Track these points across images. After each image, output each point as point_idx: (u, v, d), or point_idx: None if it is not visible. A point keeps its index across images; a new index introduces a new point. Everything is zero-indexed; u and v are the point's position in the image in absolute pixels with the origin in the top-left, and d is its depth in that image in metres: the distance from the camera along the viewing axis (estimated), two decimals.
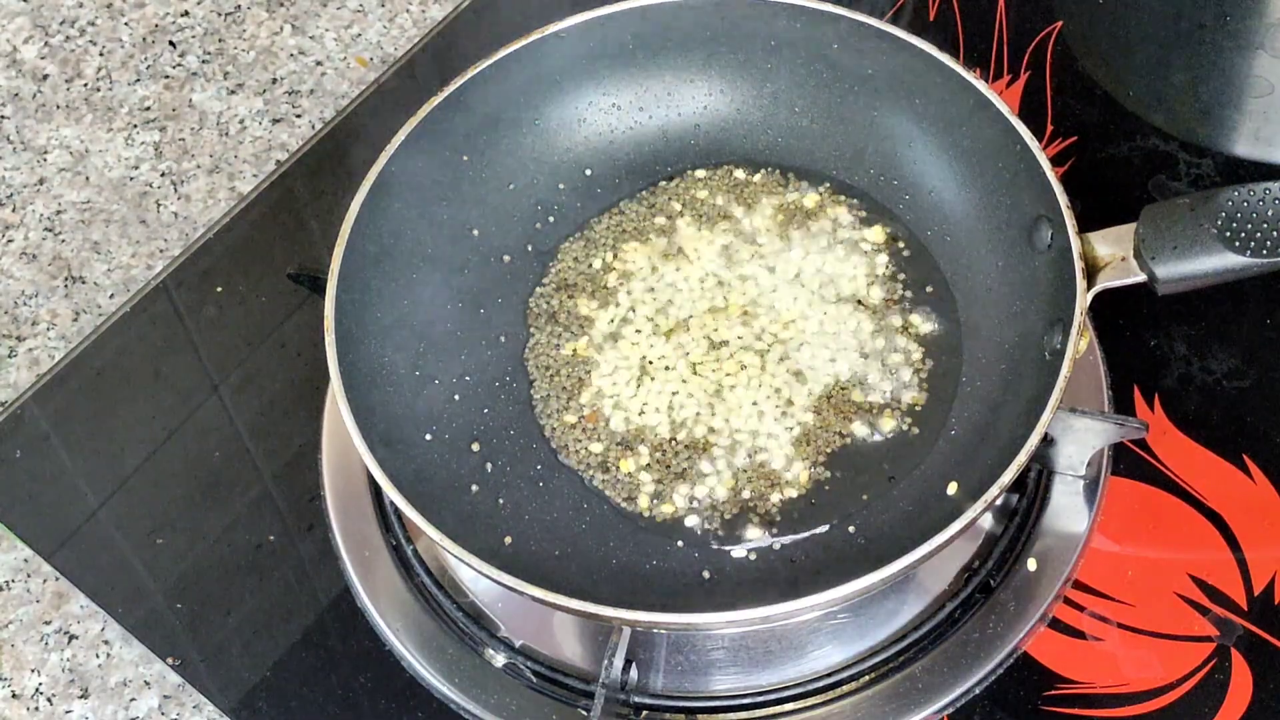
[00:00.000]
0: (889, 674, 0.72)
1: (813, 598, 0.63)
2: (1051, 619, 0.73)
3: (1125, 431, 0.72)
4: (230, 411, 0.85)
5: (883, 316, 0.78)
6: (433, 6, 1.02)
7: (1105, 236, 0.71)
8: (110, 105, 0.98)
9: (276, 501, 0.81)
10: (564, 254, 0.82)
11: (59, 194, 0.94)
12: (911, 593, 0.73)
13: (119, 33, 1.02)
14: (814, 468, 0.73)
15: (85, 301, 0.90)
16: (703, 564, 0.71)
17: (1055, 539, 0.75)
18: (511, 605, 0.74)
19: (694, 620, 0.64)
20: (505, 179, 0.82)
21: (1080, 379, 0.78)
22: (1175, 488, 0.76)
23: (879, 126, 0.82)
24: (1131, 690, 0.71)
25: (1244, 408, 0.79)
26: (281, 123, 0.97)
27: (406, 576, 0.76)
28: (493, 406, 0.77)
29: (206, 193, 0.94)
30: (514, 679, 0.73)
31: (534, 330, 0.79)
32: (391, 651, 0.75)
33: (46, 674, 0.76)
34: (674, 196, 0.83)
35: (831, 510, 0.72)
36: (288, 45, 1.01)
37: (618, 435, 0.75)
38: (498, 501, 0.73)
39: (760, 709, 0.72)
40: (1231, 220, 0.69)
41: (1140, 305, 0.80)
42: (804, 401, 0.75)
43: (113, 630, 0.77)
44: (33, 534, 0.80)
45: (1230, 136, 0.90)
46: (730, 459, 0.74)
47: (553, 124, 0.83)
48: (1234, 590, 0.73)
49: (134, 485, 0.82)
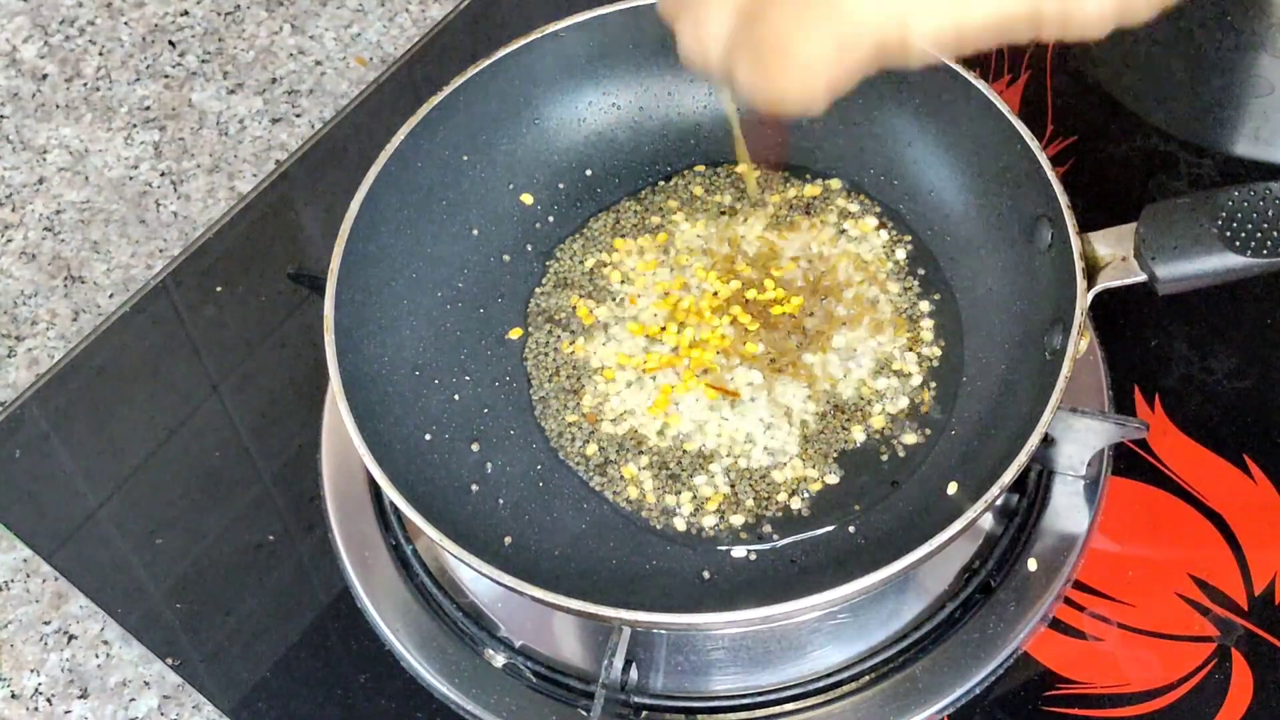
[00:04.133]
0: (889, 674, 0.72)
1: (813, 598, 0.63)
2: (1052, 619, 0.73)
3: (1125, 431, 0.72)
4: (230, 411, 0.85)
5: (883, 317, 0.77)
6: (433, 6, 1.02)
7: (1105, 236, 0.71)
8: (110, 105, 0.98)
9: (276, 501, 0.81)
10: (563, 254, 0.82)
11: (58, 194, 0.94)
12: (911, 593, 0.73)
13: (118, 32, 1.02)
14: (814, 468, 0.73)
15: (85, 301, 0.90)
16: (703, 564, 0.71)
17: (1055, 539, 0.75)
18: (511, 605, 0.74)
19: (694, 620, 0.64)
20: (505, 179, 0.82)
21: (1080, 379, 0.78)
22: (1176, 488, 0.76)
23: (879, 126, 0.82)
24: (1132, 690, 0.71)
25: (1244, 408, 0.79)
26: (281, 122, 0.97)
27: (406, 576, 0.76)
28: (493, 406, 0.77)
29: (206, 192, 0.94)
30: (514, 679, 0.73)
31: (533, 330, 0.79)
32: (391, 651, 0.75)
33: (46, 674, 0.76)
34: (673, 196, 0.83)
35: (832, 511, 0.72)
36: (287, 45, 1.01)
37: (618, 435, 0.75)
38: (498, 501, 0.73)
39: (760, 709, 0.72)
40: (1232, 220, 0.69)
41: (1140, 305, 0.80)
42: (804, 402, 0.75)
43: (112, 630, 0.77)
44: (32, 534, 0.80)
45: (1230, 136, 0.90)
46: (730, 459, 0.74)
47: (553, 124, 0.83)
48: (1234, 590, 0.73)
49: (134, 485, 0.82)
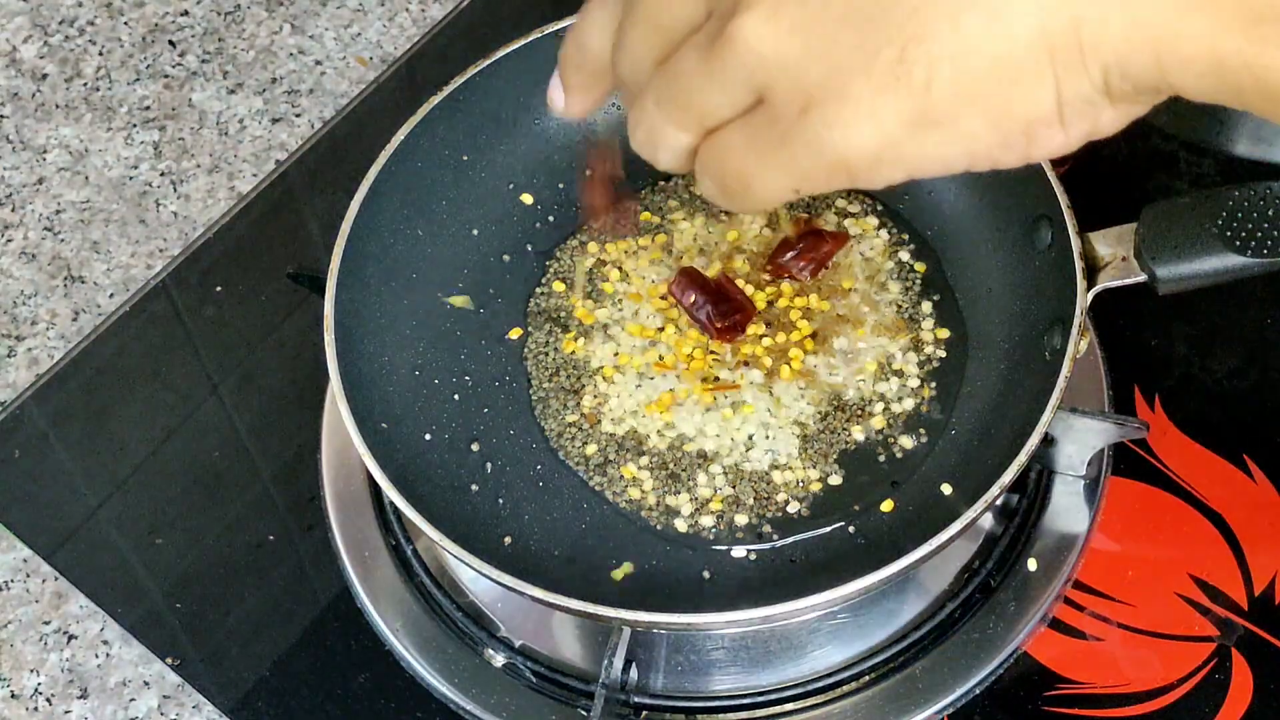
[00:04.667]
0: (889, 674, 0.72)
1: (813, 598, 0.63)
2: (1051, 619, 0.73)
3: (1125, 431, 0.72)
4: (230, 411, 0.85)
5: (883, 317, 0.77)
6: (433, 6, 1.02)
7: (1105, 236, 0.71)
8: (110, 105, 0.98)
9: (276, 501, 0.81)
10: (563, 254, 0.82)
11: (58, 193, 0.94)
12: (911, 593, 0.73)
13: (118, 32, 1.02)
14: (814, 469, 0.73)
15: (85, 301, 0.90)
16: (703, 564, 0.71)
17: (1055, 539, 0.75)
18: (511, 605, 0.74)
19: (694, 620, 0.64)
20: (505, 179, 0.82)
21: (1080, 379, 0.78)
22: (1175, 488, 0.76)
23: None
24: (1132, 690, 0.71)
25: (1244, 408, 0.79)
26: (281, 122, 0.97)
27: (406, 576, 0.76)
28: (493, 406, 0.77)
29: (206, 192, 0.94)
30: (514, 679, 0.73)
31: (533, 330, 0.79)
32: (391, 651, 0.75)
33: (46, 674, 0.76)
34: (673, 196, 0.83)
35: (832, 511, 0.72)
36: (287, 45, 1.01)
37: (617, 436, 0.75)
38: (498, 501, 0.73)
39: (760, 709, 0.72)
40: (1232, 220, 0.69)
41: (1140, 305, 0.80)
42: (804, 403, 0.75)
43: (112, 630, 0.77)
44: (32, 534, 0.80)
45: (1230, 136, 0.90)
46: (730, 460, 0.74)
47: (553, 124, 0.83)
48: (1234, 590, 0.73)
49: (133, 485, 0.82)
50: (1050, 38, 0.41)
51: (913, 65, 0.42)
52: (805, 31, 0.43)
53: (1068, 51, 0.41)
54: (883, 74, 0.42)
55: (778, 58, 0.43)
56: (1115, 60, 0.41)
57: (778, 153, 0.45)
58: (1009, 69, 0.42)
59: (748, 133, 0.46)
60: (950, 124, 0.43)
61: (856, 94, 0.42)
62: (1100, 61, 0.42)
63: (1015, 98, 0.42)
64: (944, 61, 0.42)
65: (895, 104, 0.42)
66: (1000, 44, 0.41)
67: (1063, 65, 0.42)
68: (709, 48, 0.45)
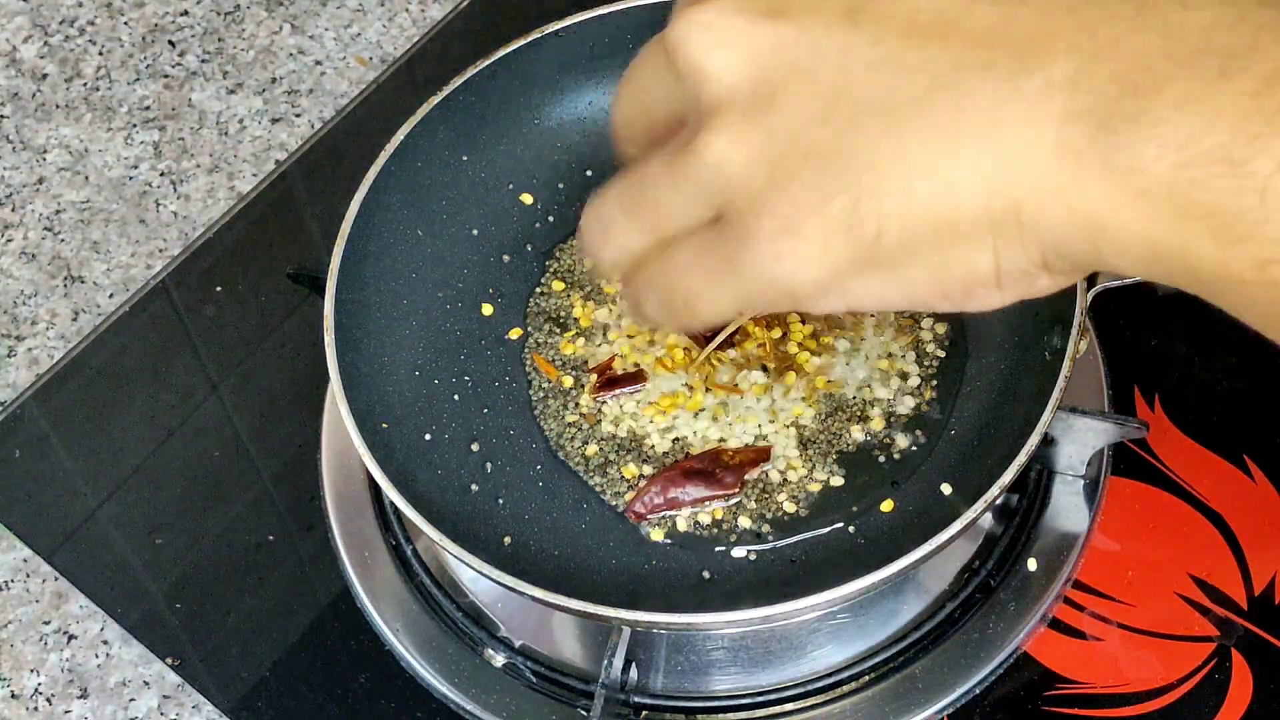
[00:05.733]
0: (889, 674, 0.72)
1: (813, 598, 0.63)
2: (1051, 619, 0.73)
3: (1125, 431, 0.72)
4: (230, 411, 0.85)
5: (883, 317, 0.77)
6: (432, 6, 1.02)
7: None
8: (110, 105, 0.98)
9: (276, 501, 0.81)
10: (563, 254, 0.82)
11: (58, 193, 0.94)
12: (911, 593, 0.73)
13: (118, 32, 1.02)
14: (814, 469, 0.73)
15: (84, 301, 0.90)
16: (703, 564, 0.71)
17: (1055, 539, 0.75)
18: (511, 605, 0.74)
19: (694, 620, 0.64)
20: (505, 179, 0.82)
21: (1080, 379, 0.78)
22: (1175, 488, 0.76)
23: None
24: (1132, 690, 0.71)
25: (1244, 408, 0.79)
26: (281, 122, 0.97)
27: (406, 576, 0.76)
28: (493, 406, 0.77)
29: (206, 192, 0.94)
30: (514, 679, 0.73)
31: (533, 330, 0.79)
32: (391, 651, 0.75)
33: (46, 674, 0.76)
34: None
35: (831, 511, 0.72)
36: (287, 45, 1.01)
37: (617, 436, 0.75)
38: (498, 501, 0.73)
39: (760, 709, 0.72)
40: None
41: (1140, 305, 0.80)
42: (804, 403, 0.75)
43: (112, 630, 0.77)
44: (32, 534, 0.80)
45: None
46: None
47: (553, 124, 0.83)
48: (1234, 590, 0.73)
49: (133, 485, 0.82)
50: (993, 214, 0.43)
51: (865, 217, 0.44)
52: (768, 162, 0.45)
53: (1008, 228, 0.44)
54: (836, 218, 0.44)
55: (739, 179, 0.46)
56: (1052, 241, 0.44)
57: (727, 275, 0.48)
58: (953, 235, 0.44)
59: (699, 251, 0.48)
60: (894, 271, 0.46)
61: (810, 233, 0.45)
62: (1038, 241, 0.44)
63: (956, 260, 0.45)
64: (894, 219, 0.44)
65: (845, 247, 0.45)
66: (947, 213, 0.44)
67: (1003, 239, 0.44)
68: (677, 154, 0.47)
